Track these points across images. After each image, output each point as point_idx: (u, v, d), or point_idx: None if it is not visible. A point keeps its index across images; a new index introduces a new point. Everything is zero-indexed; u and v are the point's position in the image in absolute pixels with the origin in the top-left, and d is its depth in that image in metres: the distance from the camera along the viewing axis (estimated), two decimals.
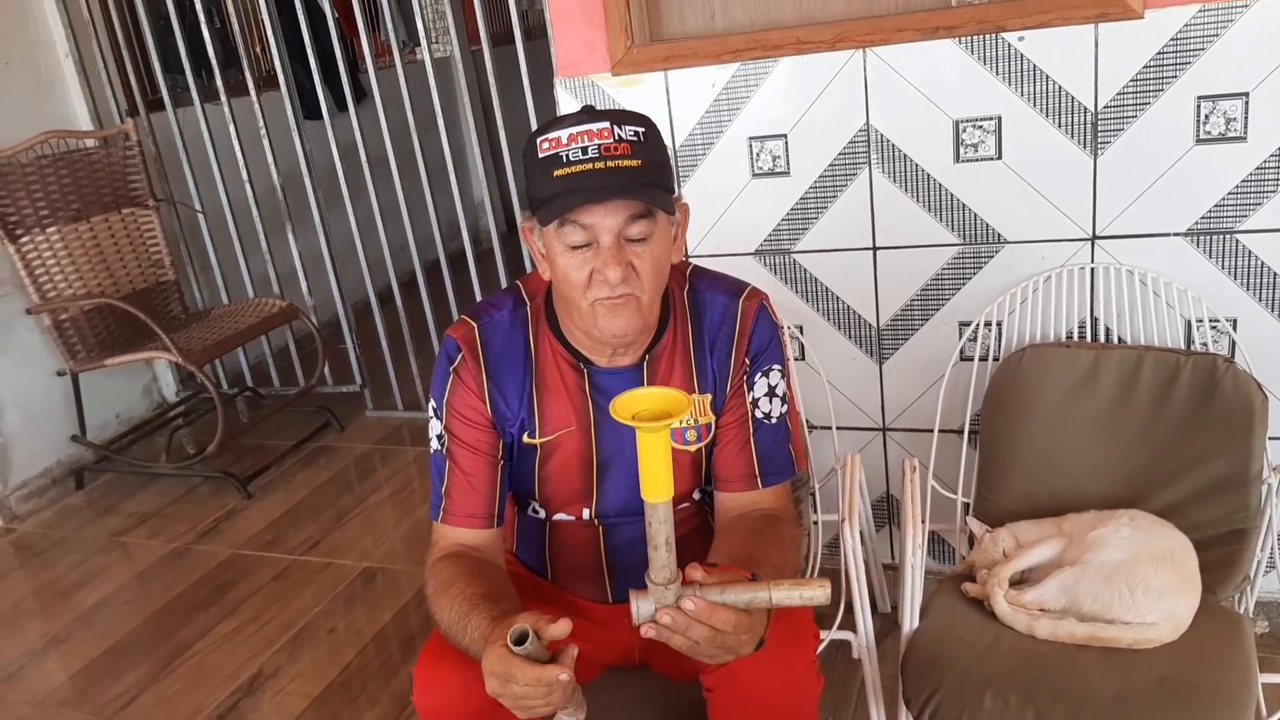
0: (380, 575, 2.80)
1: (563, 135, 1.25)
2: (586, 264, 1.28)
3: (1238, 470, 1.70)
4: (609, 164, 1.24)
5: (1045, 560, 1.68)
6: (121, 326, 3.48)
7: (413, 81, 3.48)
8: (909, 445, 2.21)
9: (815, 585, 1.09)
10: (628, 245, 1.28)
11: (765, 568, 1.28)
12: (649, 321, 1.37)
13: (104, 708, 2.38)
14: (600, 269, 1.27)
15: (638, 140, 1.26)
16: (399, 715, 2.21)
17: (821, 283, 2.16)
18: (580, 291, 1.30)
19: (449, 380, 1.42)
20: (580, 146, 1.24)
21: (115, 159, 3.57)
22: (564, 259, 1.29)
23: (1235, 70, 1.76)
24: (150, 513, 3.38)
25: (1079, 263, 1.96)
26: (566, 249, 1.28)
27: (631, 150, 1.25)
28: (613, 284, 1.27)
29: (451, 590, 1.33)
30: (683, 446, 1.46)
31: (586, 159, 1.24)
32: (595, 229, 1.26)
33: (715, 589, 1.12)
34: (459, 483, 1.43)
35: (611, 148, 1.24)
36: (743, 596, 1.11)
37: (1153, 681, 1.46)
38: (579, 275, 1.29)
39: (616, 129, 1.25)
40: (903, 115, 1.98)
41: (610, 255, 1.26)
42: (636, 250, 1.28)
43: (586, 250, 1.28)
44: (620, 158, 1.24)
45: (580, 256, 1.28)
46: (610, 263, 1.26)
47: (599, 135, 1.25)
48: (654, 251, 1.29)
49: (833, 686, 2.09)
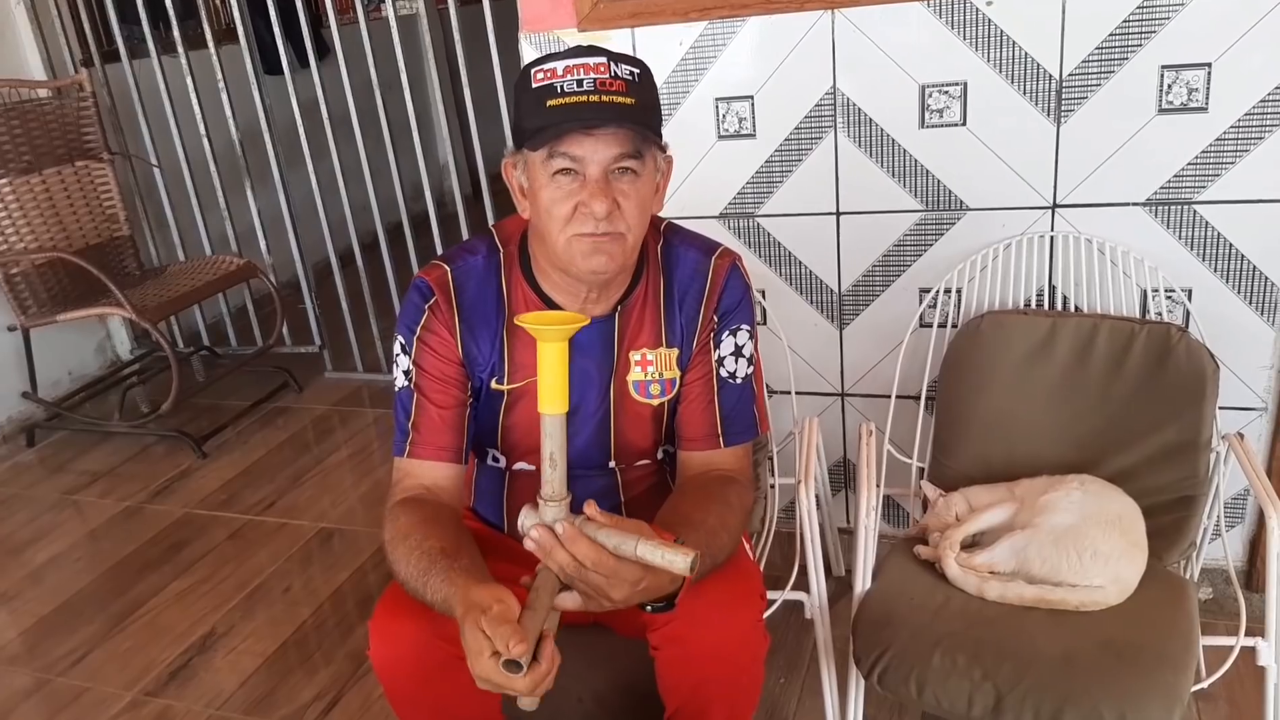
0: (337, 536, 2.78)
1: (558, 66, 1.24)
2: (572, 196, 1.26)
3: (1188, 438, 1.73)
4: (604, 98, 1.23)
5: (997, 524, 1.70)
6: (74, 281, 3.41)
7: (377, 39, 3.42)
8: (867, 410, 2.22)
9: (680, 551, 1.11)
10: (615, 182, 1.26)
11: (699, 530, 1.29)
12: (627, 264, 1.35)
13: (54, 664, 2.35)
14: (587, 201, 1.25)
15: (633, 80, 1.25)
16: (354, 673, 2.21)
17: (785, 247, 2.16)
18: (561, 225, 1.28)
19: (422, 316, 1.39)
20: (576, 79, 1.23)
21: (69, 110, 3.49)
22: (548, 191, 1.27)
23: (1199, 41, 1.76)
24: (103, 471, 3.33)
25: (1039, 231, 1.96)
26: (551, 180, 1.26)
27: (627, 88, 1.24)
28: (598, 217, 1.25)
29: (409, 541, 1.31)
30: (646, 400, 1.45)
31: (581, 91, 1.22)
32: (585, 160, 1.24)
33: (595, 525, 1.15)
34: (428, 415, 1.40)
35: (608, 83, 1.23)
36: (612, 539, 1.14)
37: (1098, 643, 1.48)
38: (563, 208, 1.27)
39: (614, 65, 1.24)
40: (870, 79, 1.97)
41: (597, 187, 1.25)
42: (623, 188, 1.27)
43: (573, 182, 1.26)
44: (616, 93, 1.23)
45: (566, 188, 1.26)
46: (597, 195, 1.24)
47: (595, 70, 1.23)
48: (640, 191, 1.28)
49: (785, 647, 2.11)
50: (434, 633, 1.33)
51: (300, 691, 2.18)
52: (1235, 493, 2.02)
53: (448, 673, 1.35)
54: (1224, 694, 1.88)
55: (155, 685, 2.25)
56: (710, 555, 1.29)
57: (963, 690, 1.44)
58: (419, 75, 3.57)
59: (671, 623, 1.29)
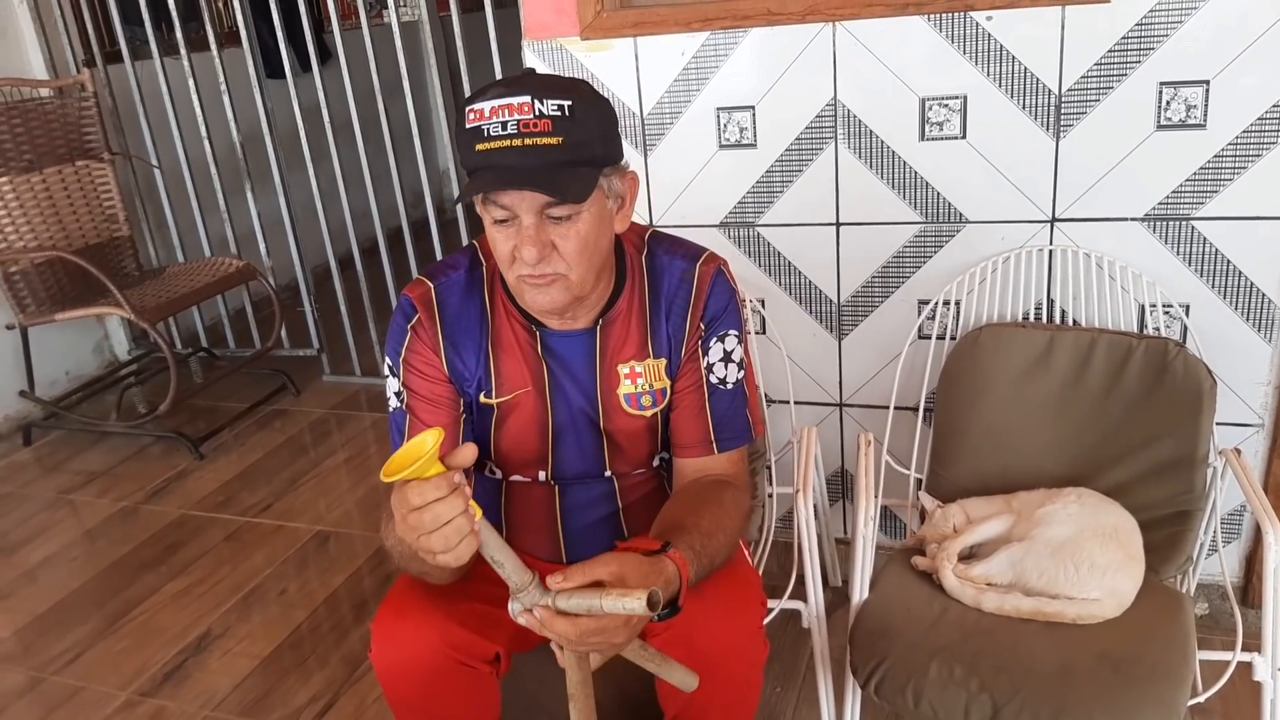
0: (334, 539, 2.78)
1: (485, 107, 1.21)
2: (510, 239, 1.26)
3: (1185, 453, 1.73)
4: (527, 141, 1.20)
5: (994, 535, 1.71)
6: (73, 281, 3.41)
7: (379, 44, 3.43)
8: (865, 421, 2.23)
9: (634, 595, 1.11)
10: (551, 225, 1.25)
11: (691, 534, 1.29)
12: (582, 294, 1.34)
13: (48, 664, 2.34)
14: (519, 247, 1.25)
15: (561, 115, 1.21)
16: (349, 677, 2.21)
17: (784, 257, 2.17)
18: (506, 265, 1.29)
19: (406, 337, 1.40)
20: (500, 121, 1.20)
21: (70, 110, 3.49)
22: (491, 231, 1.28)
23: (1197, 58, 1.77)
24: (99, 471, 3.33)
25: (1038, 244, 1.97)
26: (493, 224, 1.27)
27: (553, 126, 1.20)
28: (530, 263, 1.25)
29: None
30: (638, 412, 1.45)
31: (505, 135, 1.20)
32: (514, 208, 1.24)
33: (565, 596, 1.14)
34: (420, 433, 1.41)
35: (531, 124, 1.20)
36: (582, 604, 1.13)
37: (1095, 655, 1.48)
38: (504, 250, 1.27)
39: (538, 103, 1.20)
40: (870, 91, 1.98)
41: (528, 235, 1.24)
42: (561, 231, 1.25)
43: (509, 227, 1.26)
44: (540, 135, 1.20)
45: (504, 231, 1.26)
46: (527, 243, 1.24)
47: (519, 110, 1.20)
48: (580, 231, 1.26)
49: (782, 656, 2.11)
50: (438, 637, 1.34)
51: (295, 694, 2.17)
52: (1232, 508, 2.03)
53: (450, 678, 1.36)
54: (1220, 709, 1.88)
55: (150, 686, 2.24)
56: (706, 557, 1.30)
57: (959, 701, 1.44)
58: (420, 81, 3.58)
59: (672, 628, 1.29)
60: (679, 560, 1.23)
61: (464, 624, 1.36)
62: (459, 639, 1.35)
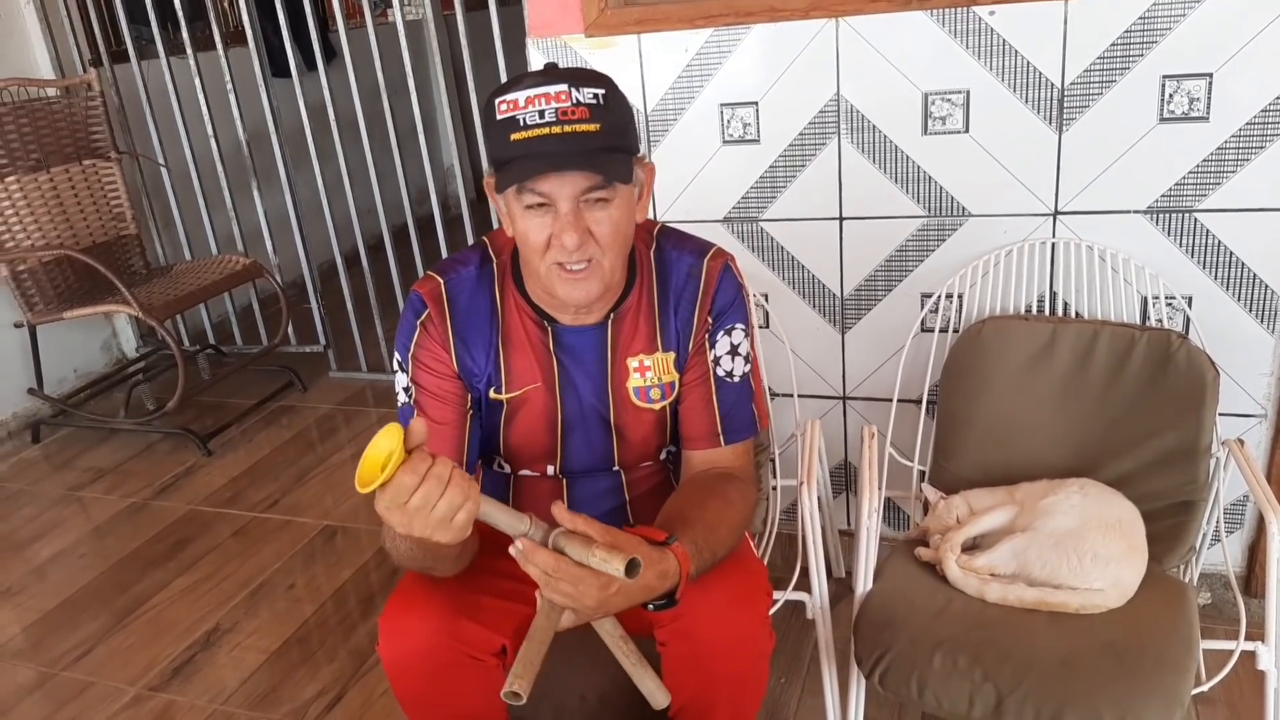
0: (341, 534, 2.80)
1: (520, 97, 1.23)
2: (545, 228, 1.27)
3: (1188, 444, 1.74)
4: (566, 129, 1.22)
5: (997, 526, 1.72)
6: (81, 279, 3.43)
7: (384, 43, 3.43)
8: (868, 414, 2.23)
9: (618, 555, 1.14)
10: (587, 210, 1.27)
11: (695, 526, 1.30)
12: (611, 284, 1.36)
13: (58, 660, 2.36)
14: (558, 234, 1.26)
15: (597, 103, 1.24)
16: (356, 671, 2.22)
17: (788, 251, 2.17)
18: (539, 254, 1.29)
19: (415, 333, 1.41)
20: (537, 110, 1.22)
21: (77, 109, 3.51)
22: (523, 222, 1.28)
23: (1200, 51, 1.78)
24: (108, 468, 3.35)
25: (1040, 237, 1.98)
26: (525, 211, 1.27)
27: (590, 114, 1.23)
28: (570, 249, 1.26)
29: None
30: (647, 405, 1.47)
31: (543, 123, 1.22)
32: (553, 195, 1.25)
33: (565, 537, 1.18)
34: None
35: (569, 111, 1.22)
36: (574, 550, 1.17)
37: (1098, 645, 1.49)
38: (538, 238, 1.28)
39: (575, 91, 1.23)
40: (873, 86, 1.99)
41: (568, 221, 1.25)
42: (596, 216, 1.27)
43: (545, 215, 1.27)
44: (578, 122, 1.22)
45: (539, 220, 1.27)
46: (568, 229, 1.25)
47: (556, 98, 1.22)
48: (614, 216, 1.28)
49: (786, 648, 2.12)
50: (444, 631, 1.35)
51: (303, 688, 2.19)
52: (1235, 498, 2.04)
53: (457, 671, 1.36)
54: (1223, 698, 1.89)
55: (159, 681, 2.26)
56: (710, 549, 1.31)
57: (963, 691, 1.45)
58: (425, 80, 3.59)
59: (679, 619, 1.31)
60: (681, 555, 1.25)
61: (470, 617, 1.37)
62: (465, 632, 1.36)
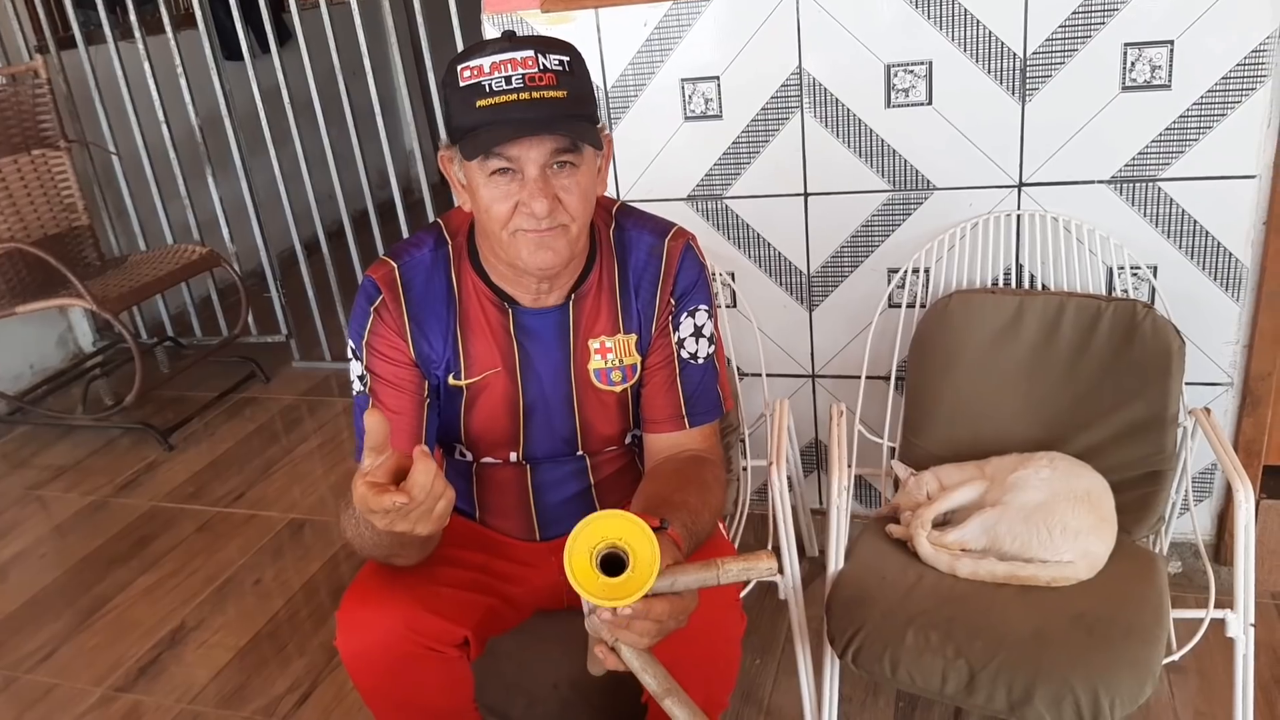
0: (308, 526, 2.76)
1: (484, 63, 1.20)
2: (510, 196, 1.24)
3: (1155, 414, 1.74)
4: (534, 95, 1.20)
5: (967, 502, 1.71)
6: (33, 273, 3.34)
7: (339, 23, 3.36)
8: (837, 391, 2.22)
9: (762, 559, 1.09)
10: (554, 178, 1.24)
11: (682, 510, 1.28)
12: (575, 252, 1.33)
13: (21, 661, 2.31)
14: (526, 201, 1.23)
15: (563, 70, 1.22)
16: (327, 664, 2.19)
17: (753, 229, 2.15)
18: (501, 223, 1.26)
19: (369, 320, 1.38)
20: (504, 76, 1.19)
21: (24, 98, 3.41)
22: (486, 190, 1.25)
23: (1161, 18, 1.77)
24: (67, 465, 3.28)
25: (1005, 209, 1.97)
26: (489, 179, 1.24)
27: (557, 80, 1.21)
28: (539, 217, 1.23)
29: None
30: (608, 387, 1.44)
31: (510, 89, 1.19)
32: (521, 160, 1.22)
33: (665, 576, 1.10)
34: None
35: (536, 77, 1.20)
36: (678, 583, 1.11)
37: (1069, 617, 1.49)
38: (502, 207, 1.25)
39: (541, 58, 1.21)
40: (835, 59, 1.96)
41: (536, 187, 1.23)
42: (564, 183, 1.25)
43: (511, 182, 1.24)
44: (545, 88, 1.20)
45: (504, 188, 1.24)
46: (536, 195, 1.23)
47: (523, 64, 1.20)
48: (581, 183, 1.26)
49: (760, 629, 2.12)
50: (403, 623, 1.32)
51: (273, 683, 2.16)
52: (1203, 467, 2.05)
53: (417, 664, 1.34)
54: (1194, 666, 1.90)
55: (125, 681, 2.22)
56: (695, 534, 1.29)
57: (936, 668, 1.45)
58: (383, 60, 3.52)
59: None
60: (677, 539, 1.23)
61: (429, 609, 1.34)
62: (424, 624, 1.33)
